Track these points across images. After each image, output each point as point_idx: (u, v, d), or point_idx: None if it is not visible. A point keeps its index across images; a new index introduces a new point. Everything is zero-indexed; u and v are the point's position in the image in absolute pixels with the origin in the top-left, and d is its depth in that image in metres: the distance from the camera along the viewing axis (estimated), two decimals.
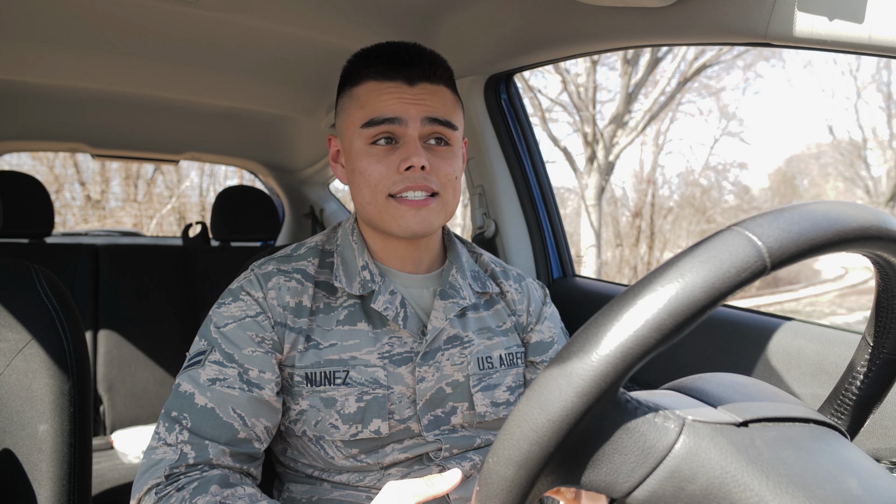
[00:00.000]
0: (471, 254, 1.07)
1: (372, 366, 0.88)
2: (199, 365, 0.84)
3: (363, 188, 0.88)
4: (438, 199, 0.88)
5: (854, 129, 14.47)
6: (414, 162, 0.84)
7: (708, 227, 13.41)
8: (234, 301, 0.88)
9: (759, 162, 23.63)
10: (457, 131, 0.90)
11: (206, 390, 0.82)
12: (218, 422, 0.81)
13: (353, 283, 0.91)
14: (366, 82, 0.88)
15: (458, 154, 0.92)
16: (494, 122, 1.62)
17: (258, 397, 0.83)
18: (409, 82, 0.86)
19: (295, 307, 0.88)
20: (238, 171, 10.47)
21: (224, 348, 0.84)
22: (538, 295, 1.08)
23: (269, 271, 0.90)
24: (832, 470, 0.37)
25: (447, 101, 0.90)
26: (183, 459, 0.78)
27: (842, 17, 0.73)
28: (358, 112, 0.87)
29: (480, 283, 1.01)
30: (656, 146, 12.94)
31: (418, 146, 0.85)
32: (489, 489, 0.37)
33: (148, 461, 0.79)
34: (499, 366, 0.97)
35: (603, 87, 14.21)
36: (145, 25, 1.48)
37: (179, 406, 0.81)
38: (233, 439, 0.81)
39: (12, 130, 2.40)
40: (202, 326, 0.88)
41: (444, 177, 0.88)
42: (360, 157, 0.87)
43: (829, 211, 0.37)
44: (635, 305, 0.34)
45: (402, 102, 0.85)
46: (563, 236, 1.70)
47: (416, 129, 0.86)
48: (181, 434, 0.79)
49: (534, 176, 1.66)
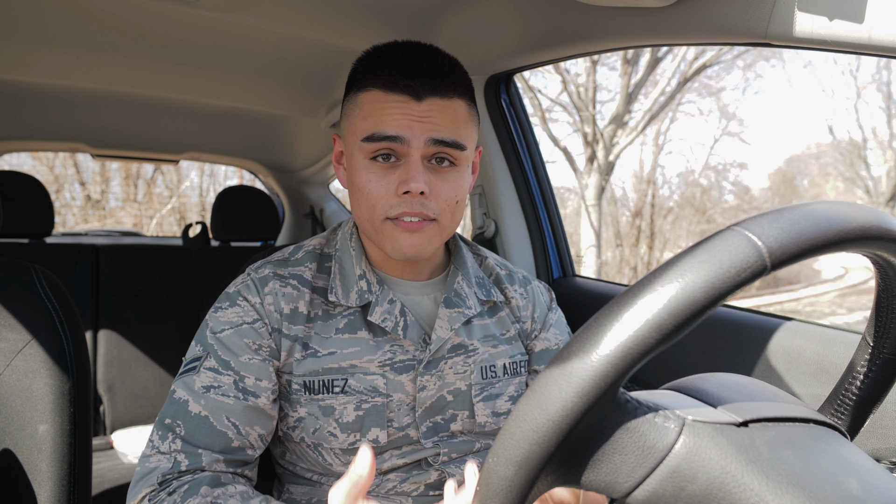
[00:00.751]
0: (475, 257, 1.04)
1: (371, 374, 0.87)
2: (195, 371, 0.82)
3: (361, 205, 0.84)
4: (434, 225, 0.84)
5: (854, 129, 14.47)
6: (412, 188, 0.79)
7: (708, 227, 13.41)
8: (231, 306, 0.86)
9: (759, 162, 23.64)
10: (465, 151, 0.84)
11: (200, 398, 0.81)
12: (211, 430, 0.80)
13: (350, 295, 0.89)
14: (371, 90, 0.82)
15: (463, 174, 0.86)
16: (494, 122, 1.62)
17: (253, 406, 0.82)
18: (416, 97, 0.80)
19: (290, 314, 0.86)
20: (238, 171, 10.47)
21: (220, 355, 0.83)
22: (544, 300, 1.05)
23: (266, 276, 0.88)
24: (832, 470, 0.37)
25: (458, 117, 0.83)
26: (176, 467, 0.77)
27: (842, 17, 0.73)
28: (360, 122, 0.83)
29: (485, 291, 0.98)
30: (656, 146, 12.95)
31: (419, 169, 0.80)
32: (489, 489, 0.37)
33: (142, 469, 0.78)
34: (502, 375, 0.96)
35: (603, 87, 14.22)
36: (145, 25, 1.48)
37: (173, 413, 0.81)
38: (227, 447, 0.81)
39: (12, 130, 2.40)
40: (199, 331, 0.87)
41: (443, 201, 0.83)
42: (360, 171, 0.83)
43: (829, 211, 0.37)
44: (635, 305, 0.34)
45: (406, 119, 0.80)
46: (563, 236, 1.70)
47: (419, 149, 0.80)
48: (174, 443, 0.79)
49: (534, 176, 1.66)
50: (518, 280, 1.04)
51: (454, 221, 0.87)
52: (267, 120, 2.53)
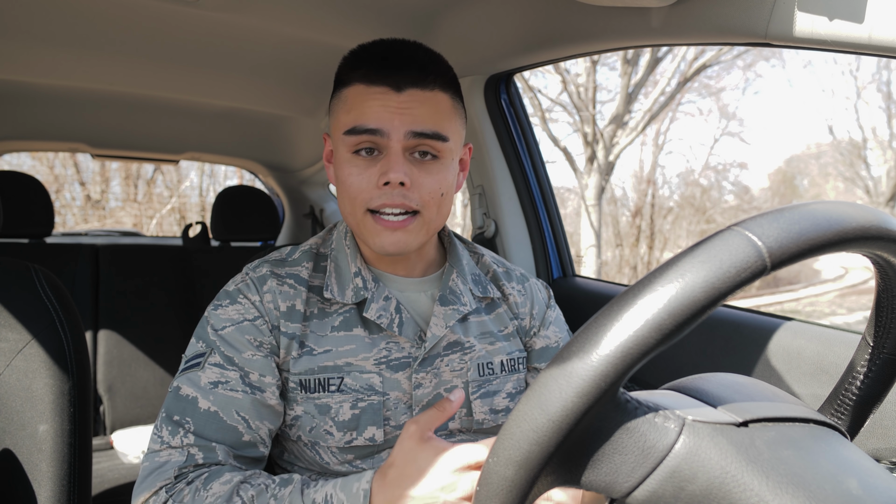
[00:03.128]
0: (472, 254, 1.04)
1: (367, 372, 0.87)
2: (199, 368, 0.82)
3: (344, 198, 0.85)
4: (419, 219, 0.84)
5: (854, 129, 14.46)
6: (391, 178, 0.80)
7: (708, 227, 13.41)
8: (231, 304, 0.87)
9: (759, 162, 23.63)
10: (447, 143, 0.84)
11: (208, 394, 0.81)
12: (222, 425, 0.80)
13: (345, 292, 0.89)
14: (353, 85, 0.84)
15: (447, 167, 0.86)
16: (494, 122, 1.62)
17: (261, 400, 0.83)
18: (396, 88, 0.81)
19: (287, 311, 0.87)
20: (238, 171, 10.47)
21: (224, 351, 0.83)
22: (542, 297, 1.05)
23: (264, 275, 0.89)
24: (832, 470, 0.37)
25: (440, 109, 0.84)
26: (191, 460, 0.77)
27: (842, 17, 0.73)
28: (344, 116, 0.84)
29: (481, 288, 0.98)
30: (656, 146, 12.95)
31: (399, 160, 0.81)
32: (489, 489, 0.37)
33: (151, 464, 0.78)
34: (500, 372, 0.96)
35: (603, 87, 14.21)
36: (145, 25, 1.48)
37: (181, 410, 0.80)
38: (238, 442, 0.81)
39: (12, 130, 2.40)
40: (198, 328, 0.87)
41: (427, 193, 0.83)
42: (343, 165, 0.84)
43: (829, 211, 0.37)
44: (635, 305, 0.34)
45: (386, 111, 0.80)
46: (563, 236, 1.70)
47: (399, 141, 0.81)
48: (186, 437, 0.79)
49: (534, 176, 1.66)
50: (515, 277, 1.04)
51: (441, 215, 0.87)
52: (267, 120, 2.53)
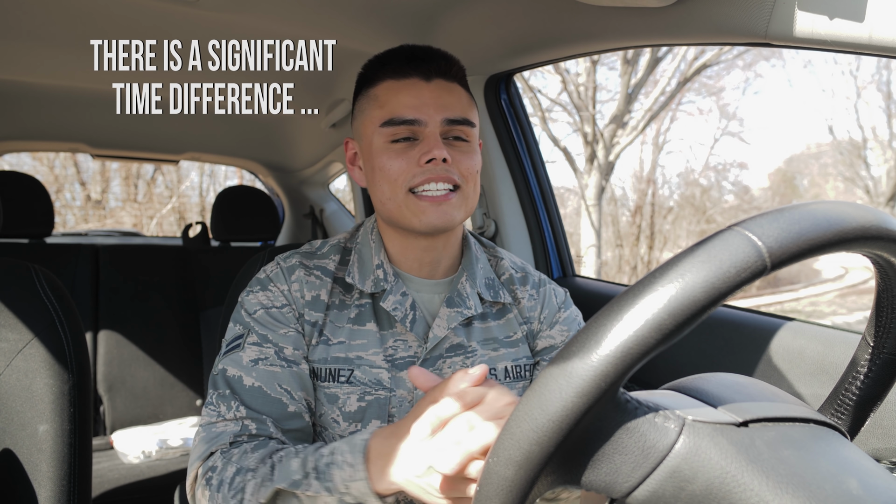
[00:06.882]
0: (491, 258, 1.04)
1: (377, 367, 0.89)
2: (240, 348, 0.87)
3: (383, 184, 0.88)
4: (460, 193, 0.88)
5: (854, 129, 14.44)
6: (435, 154, 0.84)
7: (708, 227, 13.40)
8: (262, 290, 0.91)
9: (759, 162, 23.55)
10: (474, 128, 0.91)
11: (251, 371, 0.85)
12: (267, 399, 0.84)
13: (366, 281, 0.92)
14: (383, 82, 0.89)
15: (476, 150, 0.92)
16: (494, 122, 1.62)
17: (298, 372, 0.87)
18: (425, 78, 0.88)
19: (311, 300, 0.90)
20: (238, 171, 10.47)
21: (258, 330, 0.88)
22: (556, 301, 1.04)
23: (293, 265, 0.92)
24: (832, 470, 0.37)
25: (462, 99, 0.91)
26: (245, 430, 0.81)
27: (842, 17, 0.73)
28: (377, 111, 0.89)
29: (493, 292, 0.98)
30: (656, 146, 12.94)
31: (439, 140, 0.86)
32: (489, 489, 0.37)
33: (208, 434, 0.81)
34: (503, 378, 0.96)
35: (603, 87, 14.17)
36: (145, 25, 1.48)
37: (231, 387, 0.84)
38: (283, 413, 0.84)
39: (12, 130, 2.40)
40: (234, 313, 0.92)
41: (465, 170, 0.88)
42: (380, 153, 0.88)
43: (829, 211, 0.37)
44: (635, 305, 0.34)
45: (420, 101, 0.86)
46: (563, 236, 1.70)
47: (436, 127, 0.87)
48: (238, 410, 0.82)
49: (534, 176, 1.66)
50: (532, 282, 1.03)
51: (475, 192, 0.92)
52: (267, 120, 2.53)
